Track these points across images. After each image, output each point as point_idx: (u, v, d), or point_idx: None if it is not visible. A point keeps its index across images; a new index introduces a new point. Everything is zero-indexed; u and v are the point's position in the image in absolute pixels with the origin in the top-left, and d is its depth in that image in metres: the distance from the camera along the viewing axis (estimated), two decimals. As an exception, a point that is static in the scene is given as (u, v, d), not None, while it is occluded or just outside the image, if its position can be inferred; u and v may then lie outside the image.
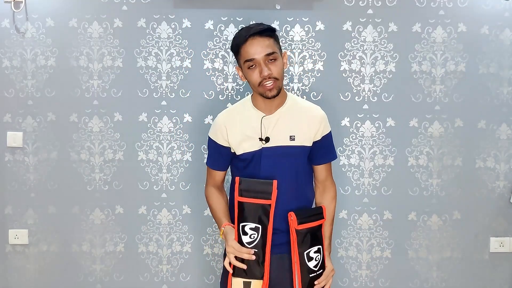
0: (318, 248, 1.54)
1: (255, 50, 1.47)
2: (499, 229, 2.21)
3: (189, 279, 2.21)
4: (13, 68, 2.13)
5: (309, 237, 1.52)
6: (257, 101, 1.58)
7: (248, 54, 1.48)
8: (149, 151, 2.16)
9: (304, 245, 1.51)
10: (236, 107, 1.65)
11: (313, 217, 1.54)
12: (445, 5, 2.12)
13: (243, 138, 1.57)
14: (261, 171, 1.56)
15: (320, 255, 1.55)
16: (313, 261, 1.52)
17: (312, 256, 1.52)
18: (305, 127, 1.59)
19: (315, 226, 1.53)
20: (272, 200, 1.49)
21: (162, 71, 2.14)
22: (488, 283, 2.22)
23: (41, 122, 2.15)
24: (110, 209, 2.18)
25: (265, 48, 1.47)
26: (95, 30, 2.12)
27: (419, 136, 2.17)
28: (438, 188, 2.19)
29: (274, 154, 1.56)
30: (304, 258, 1.51)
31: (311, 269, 1.53)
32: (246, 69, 1.50)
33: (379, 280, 2.22)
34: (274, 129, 1.56)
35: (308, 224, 1.51)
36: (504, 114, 2.17)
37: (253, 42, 1.47)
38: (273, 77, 1.48)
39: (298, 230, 1.50)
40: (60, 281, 2.20)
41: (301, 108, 1.62)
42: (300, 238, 1.50)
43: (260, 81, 1.48)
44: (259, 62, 1.47)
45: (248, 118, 1.58)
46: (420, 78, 2.15)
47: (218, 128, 1.61)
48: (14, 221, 2.18)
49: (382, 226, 2.20)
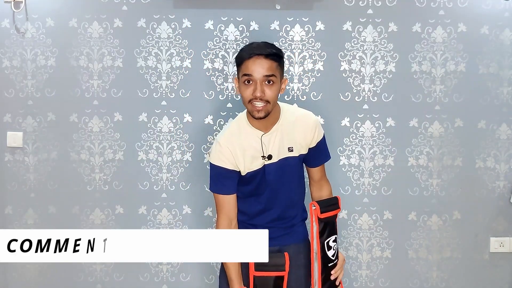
0: (335, 238, 1.59)
1: (255, 68, 1.48)
2: (499, 229, 2.21)
3: (189, 279, 2.21)
4: (13, 68, 2.13)
5: (328, 227, 1.57)
6: (252, 120, 1.57)
7: (248, 70, 1.48)
8: (149, 151, 2.16)
9: (324, 235, 1.56)
10: (232, 130, 1.61)
11: (331, 206, 1.59)
12: (445, 5, 2.12)
13: (248, 159, 1.58)
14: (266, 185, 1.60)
15: (337, 244, 1.60)
16: (332, 250, 1.57)
17: (331, 245, 1.57)
18: (302, 137, 1.61)
19: (333, 215, 1.59)
20: (285, 271, 1.55)
21: (162, 71, 2.14)
22: (488, 283, 2.22)
23: (41, 122, 2.15)
24: (110, 209, 2.18)
25: (265, 70, 1.48)
26: (95, 30, 2.12)
27: (419, 136, 2.17)
28: (438, 188, 2.19)
29: (276, 168, 1.59)
30: (324, 247, 1.56)
31: (330, 258, 1.57)
32: (242, 82, 1.51)
33: (379, 280, 2.22)
34: (274, 145, 1.58)
35: (329, 213, 1.57)
36: (504, 114, 2.17)
37: (256, 60, 1.48)
38: (265, 99, 1.48)
39: (320, 219, 1.55)
40: (60, 281, 2.20)
41: (295, 119, 1.62)
42: (321, 227, 1.56)
43: (250, 99, 1.49)
44: (256, 81, 1.48)
45: (247, 138, 1.58)
46: (420, 78, 2.15)
47: (223, 154, 1.58)
48: (14, 221, 2.18)
49: (382, 226, 2.20)
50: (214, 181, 1.61)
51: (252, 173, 1.59)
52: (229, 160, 1.57)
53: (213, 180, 1.61)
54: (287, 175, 1.61)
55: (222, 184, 1.60)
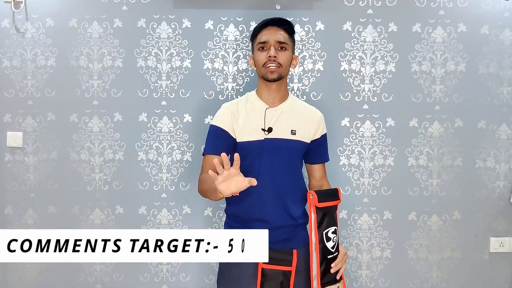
0: (335, 229, 1.58)
1: (270, 35, 1.59)
2: (499, 229, 2.21)
3: (189, 279, 2.21)
4: (13, 68, 2.13)
5: (326, 217, 1.56)
6: (262, 92, 1.65)
7: (262, 37, 1.60)
8: (149, 151, 2.16)
9: (323, 225, 1.55)
10: (240, 99, 1.71)
11: (331, 197, 1.59)
12: (445, 5, 2.12)
13: (247, 127, 1.60)
14: (262, 162, 1.58)
15: (336, 236, 1.58)
16: (331, 242, 1.56)
17: (330, 236, 1.56)
18: (306, 124, 1.65)
19: (332, 206, 1.58)
20: (292, 267, 1.56)
21: (162, 71, 2.14)
22: (488, 283, 2.22)
23: (41, 122, 2.15)
24: (110, 209, 2.18)
25: (278, 36, 1.59)
26: (95, 30, 2.12)
27: (419, 136, 2.17)
28: (438, 188, 2.19)
29: (276, 146, 1.60)
30: (323, 238, 1.55)
31: (329, 250, 1.56)
32: (257, 50, 1.61)
33: (379, 280, 2.22)
34: (277, 121, 1.61)
35: (327, 203, 1.56)
36: (504, 114, 2.17)
37: (270, 29, 1.60)
38: (278, 61, 1.59)
39: (318, 208, 1.55)
40: (60, 281, 2.20)
41: (302, 107, 1.70)
42: (319, 217, 1.55)
43: (265, 62, 1.59)
44: (270, 45, 1.59)
45: (252, 108, 1.64)
46: (420, 78, 2.15)
47: (223, 114, 1.64)
48: (14, 221, 2.18)
49: (382, 226, 2.20)
50: (207, 141, 1.66)
51: (249, 145, 1.59)
52: (227, 120, 1.62)
53: (207, 140, 1.66)
54: (285, 160, 1.60)
55: (212, 143, 1.63)
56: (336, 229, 1.59)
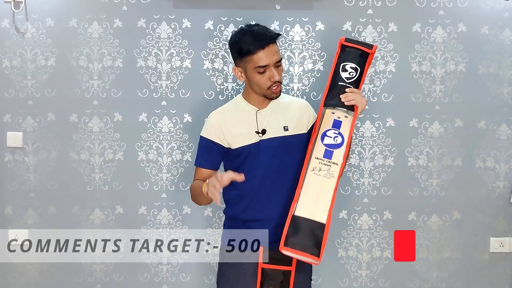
0: (356, 67, 1.55)
1: (270, 58, 1.53)
2: (499, 229, 2.21)
3: (189, 279, 2.21)
4: (13, 68, 2.13)
5: (350, 55, 1.55)
6: (251, 97, 1.63)
7: (263, 61, 1.52)
8: (149, 151, 2.16)
9: (341, 58, 1.56)
10: (227, 106, 1.69)
11: (362, 44, 1.57)
12: (445, 5, 2.12)
13: (239, 133, 1.59)
14: (260, 163, 1.58)
15: (356, 73, 1.55)
16: (347, 73, 1.55)
17: (347, 69, 1.55)
18: (296, 116, 1.65)
19: (360, 49, 1.56)
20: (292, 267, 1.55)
21: (162, 71, 2.14)
22: (488, 283, 2.22)
23: (41, 122, 2.15)
24: (110, 209, 2.18)
25: (276, 56, 1.55)
26: (95, 30, 2.12)
27: (419, 136, 2.17)
28: (438, 188, 2.19)
29: (272, 146, 1.59)
30: (339, 68, 1.55)
31: (342, 78, 1.54)
32: (255, 73, 1.55)
33: (379, 280, 2.22)
34: (268, 121, 1.60)
35: (355, 45, 1.56)
36: (504, 114, 2.17)
37: (268, 50, 1.52)
38: (279, 81, 1.56)
39: (344, 45, 1.56)
40: (60, 281, 2.20)
41: (290, 101, 1.70)
42: (342, 53, 1.56)
43: (269, 85, 1.55)
44: (270, 67, 1.54)
45: (242, 113, 1.62)
46: (420, 78, 2.15)
47: (210, 127, 1.62)
48: (14, 221, 2.18)
49: (382, 226, 2.20)
50: (198, 154, 1.65)
51: (245, 149, 1.58)
52: (216, 133, 1.60)
53: (198, 152, 1.65)
54: (283, 158, 1.60)
55: (203, 156, 1.64)
56: (358, 69, 1.55)
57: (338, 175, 1.49)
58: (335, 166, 1.49)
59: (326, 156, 1.50)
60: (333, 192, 1.48)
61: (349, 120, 1.53)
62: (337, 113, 1.54)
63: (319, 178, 1.49)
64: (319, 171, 1.49)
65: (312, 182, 1.49)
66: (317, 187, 1.48)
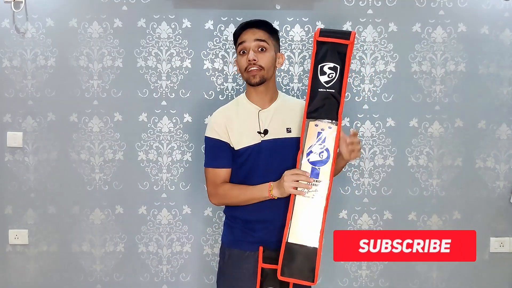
0: (334, 66, 1.51)
1: (248, 36, 1.57)
2: (499, 229, 2.21)
3: (189, 279, 2.21)
4: (13, 68, 2.13)
5: (328, 53, 1.50)
6: (251, 94, 1.63)
7: (241, 39, 1.58)
8: (149, 151, 2.16)
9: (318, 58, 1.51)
10: (229, 105, 1.68)
11: (338, 34, 1.53)
12: (445, 5, 2.12)
13: (242, 133, 1.59)
14: (261, 164, 1.58)
15: (336, 74, 1.51)
16: (325, 76, 1.51)
17: (325, 71, 1.51)
18: (299, 118, 1.64)
19: (337, 43, 1.51)
20: None
21: (162, 71, 2.14)
22: (488, 283, 2.22)
23: (41, 122, 2.15)
24: (110, 209, 2.18)
25: (256, 35, 1.57)
26: (95, 30, 2.12)
27: (419, 136, 2.17)
28: (438, 188, 2.19)
29: (274, 147, 1.59)
30: (317, 71, 1.51)
31: (322, 84, 1.51)
32: (238, 54, 1.60)
33: (379, 280, 2.22)
34: (271, 122, 1.59)
35: (331, 39, 1.51)
36: (504, 114, 2.17)
37: (248, 30, 1.58)
38: (259, 64, 1.56)
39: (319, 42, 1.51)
40: (60, 281, 2.20)
41: (294, 103, 1.70)
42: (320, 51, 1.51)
43: (246, 66, 1.57)
44: (249, 48, 1.56)
45: (244, 113, 1.62)
46: (420, 78, 2.15)
47: (216, 126, 1.61)
48: (14, 221, 2.18)
49: (382, 226, 2.20)
50: (208, 155, 1.63)
51: (246, 150, 1.58)
52: (223, 131, 1.60)
53: (207, 154, 1.64)
54: (284, 159, 1.59)
55: (215, 156, 1.62)
56: (337, 67, 1.50)
57: (326, 194, 1.48)
58: (323, 184, 1.48)
59: (313, 175, 1.49)
60: (323, 213, 1.48)
61: (333, 131, 1.50)
62: (321, 125, 1.51)
63: (307, 201, 1.49)
64: (307, 193, 1.49)
65: (301, 206, 1.50)
66: (307, 211, 1.49)
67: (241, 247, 1.62)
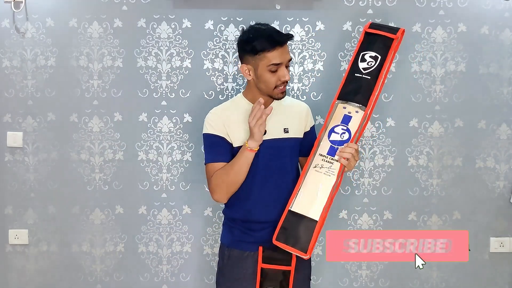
0: (376, 56, 1.54)
1: (284, 56, 1.55)
2: (499, 229, 2.21)
3: (189, 279, 2.21)
4: (13, 68, 2.13)
5: (373, 43, 1.54)
6: (253, 96, 1.62)
7: (277, 59, 1.54)
8: (149, 151, 2.16)
9: (363, 46, 1.57)
10: (227, 104, 1.70)
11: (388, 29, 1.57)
12: (445, 5, 2.12)
13: (242, 132, 1.60)
14: (259, 164, 1.58)
15: (375, 62, 1.54)
16: (365, 63, 1.55)
17: (365, 58, 1.55)
18: (297, 120, 1.66)
19: (383, 36, 1.56)
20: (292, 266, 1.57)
21: (162, 71, 2.14)
22: (488, 283, 2.22)
23: (41, 122, 2.15)
24: (110, 209, 2.18)
25: (288, 55, 1.57)
26: (95, 30, 2.12)
27: (419, 136, 2.17)
28: (438, 188, 2.19)
29: (272, 147, 1.59)
30: (358, 58, 1.55)
31: (359, 69, 1.54)
32: (267, 71, 1.55)
33: (379, 280, 2.22)
34: (269, 122, 1.59)
35: (380, 32, 1.56)
36: (504, 114, 2.17)
37: (282, 49, 1.54)
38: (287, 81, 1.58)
39: (367, 33, 1.58)
40: (60, 281, 2.20)
41: (291, 103, 1.72)
42: (366, 41, 1.57)
43: (278, 84, 1.56)
44: (282, 66, 1.55)
45: (243, 112, 1.62)
46: (420, 78, 2.15)
47: (213, 122, 1.62)
48: (14, 221, 2.18)
49: (382, 226, 2.19)
50: (208, 151, 1.63)
51: None
52: (220, 128, 1.60)
53: (207, 150, 1.64)
54: (282, 159, 1.61)
55: (213, 151, 1.62)
56: (378, 57, 1.54)
57: (338, 171, 1.49)
58: (337, 163, 1.50)
59: (330, 153, 1.52)
60: (331, 190, 1.49)
61: (360, 116, 1.52)
62: (349, 108, 1.54)
63: (319, 176, 1.50)
64: (321, 168, 1.50)
65: (312, 179, 1.51)
66: (316, 185, 1.49)
67: (241, 247, 1.62)
